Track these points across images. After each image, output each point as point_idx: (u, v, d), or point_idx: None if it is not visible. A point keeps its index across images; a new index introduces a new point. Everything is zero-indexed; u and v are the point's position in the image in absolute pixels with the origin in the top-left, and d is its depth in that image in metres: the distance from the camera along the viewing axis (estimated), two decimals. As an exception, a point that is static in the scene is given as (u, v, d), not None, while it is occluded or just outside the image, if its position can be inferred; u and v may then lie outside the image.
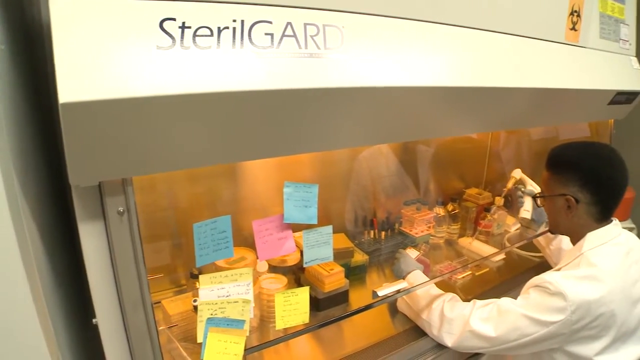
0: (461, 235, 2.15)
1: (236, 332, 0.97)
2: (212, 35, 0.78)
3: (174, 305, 1.32)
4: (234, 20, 0.80)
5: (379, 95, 0.98)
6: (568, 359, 1.23)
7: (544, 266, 1.74)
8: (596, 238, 1.28)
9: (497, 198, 1.84)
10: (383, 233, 1.94)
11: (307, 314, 1.09)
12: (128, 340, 0.94)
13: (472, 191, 2.23)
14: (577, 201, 1.29)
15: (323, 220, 1.08)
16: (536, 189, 1.83)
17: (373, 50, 0.97)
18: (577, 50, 1.59)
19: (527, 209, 1.76)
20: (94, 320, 0.91)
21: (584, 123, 2.20)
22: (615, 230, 1.30)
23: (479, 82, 1.17)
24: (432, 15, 1.10)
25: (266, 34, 0.83)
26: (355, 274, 1.72)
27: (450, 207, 2.11)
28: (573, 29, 1.54)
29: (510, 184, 1.82)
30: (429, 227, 1.99)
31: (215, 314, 0.97)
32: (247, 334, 0.99)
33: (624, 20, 1.80)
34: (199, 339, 0.97)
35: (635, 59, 1.86)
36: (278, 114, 0.88)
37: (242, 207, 1.63)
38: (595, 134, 2.20)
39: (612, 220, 1.33)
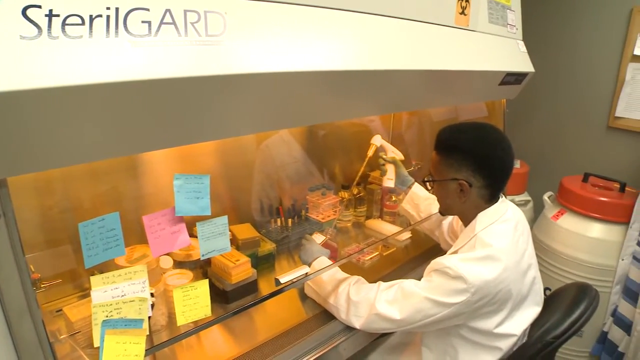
0: (368, 218, 2.20)
1: (135, 332, 0.94)
2: (83, 24, 0.73)
3: (76, 311, 1.25)
4: (108, 8, 0.76)
5: (265, 81, 0.97)
6: (472, 333, 1.30)
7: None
8: (487, 218, 1.33)
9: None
10: (290, 220, 1.93)
11: (209, 307, 1.06)
12: (17, 355, 0.87)
13: (377, 174, 2.24)
14: (470, 185, 1.32)
15: (228, 211, 1.06)
16: (398, 154, 1.87)
17: (258, 36, 0.95)
18: (468, 34, 1.65)
19: (390, 177, 1.78)
20: (-24, 336, 0.85)
21: (481, 103, 2.30)
22: (502, 207, 1.36)
23: (371, 65, 1.19)
24: (321, 0, 1.10)
25: (143, 22, 0.79)
26: (263, 263, 1.71)
27: (355, 190, 2.15)
28: (462, 13, 1.60)
29: (370, 152, 1.83)
30: (335, 212, 2.01)
31: (111, 315, 0.93)
32: (148, 332, 0.96)
33: (510, 7, 1.90)
34: (96, 343, 0.92)
35: (522, 43, 1.97)
36: (161, 103, 0.85)
37: (147, 202, 1.57)
38: (492, 113, 2.32)
39: (499, 198, 1.38)
